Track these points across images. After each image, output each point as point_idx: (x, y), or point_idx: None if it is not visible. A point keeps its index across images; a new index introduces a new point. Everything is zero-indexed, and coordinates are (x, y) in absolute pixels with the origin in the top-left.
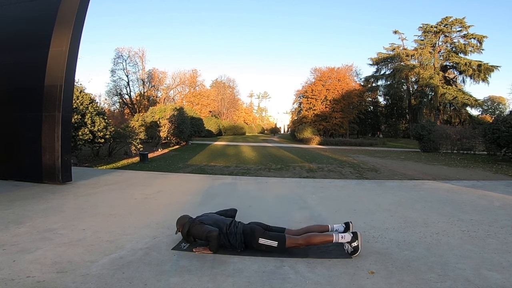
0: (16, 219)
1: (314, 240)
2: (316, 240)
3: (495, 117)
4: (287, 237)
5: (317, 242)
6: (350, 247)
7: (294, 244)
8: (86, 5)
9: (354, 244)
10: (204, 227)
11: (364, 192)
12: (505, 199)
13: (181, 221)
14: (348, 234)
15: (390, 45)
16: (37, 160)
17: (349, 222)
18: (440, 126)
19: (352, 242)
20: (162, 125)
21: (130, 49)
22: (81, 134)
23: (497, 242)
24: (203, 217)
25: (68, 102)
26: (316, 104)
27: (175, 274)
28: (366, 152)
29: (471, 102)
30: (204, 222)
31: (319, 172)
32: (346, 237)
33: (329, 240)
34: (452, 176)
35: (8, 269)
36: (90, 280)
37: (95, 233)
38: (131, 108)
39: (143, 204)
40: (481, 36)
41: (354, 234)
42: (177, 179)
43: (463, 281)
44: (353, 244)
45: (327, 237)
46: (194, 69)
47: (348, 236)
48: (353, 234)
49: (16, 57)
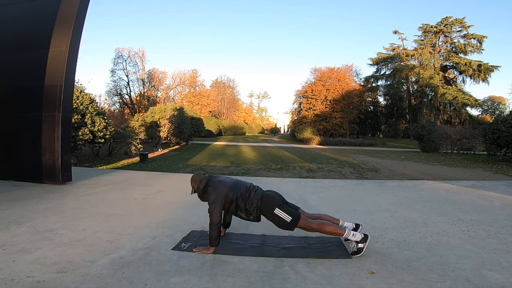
0: (16, 219)
1: (327, 229)
2: (328, 229)
3: (495, 117)
4: (302, 217)
5: (329, 231)
6: (356, 246)
7: (306, 226)
8: (86, 5)
9: (361, 245)
10: (218, 192)
11: (364, 192)
12: (505, 199)
13: (196, 178)
14: (360, 233)
15: (390, 45)
16: (37, 160)
17: (359, 224)
18: (440, 126)
19: (360, 243)
20: (162, 125)
21: (130, 49)
22: (81, 134)
23: (497, 242)
24: (221, 178)
25: (68, 102)
26: (316, 104)
27: (175, 274)
28: (366, 152)
29: (471, 102)
30: (224, 181)
31: (319, 172)
32: (357, 236)
33: (341, 233)
34: (452, 176)
35: (8, 269)
36: (90, 280)
37: (95, 233)
38: (131, 108)
39: (143, 204)
40: (481, 36)
41: (365, 236)
42: (177, 179)
43: (463, 281)
44: (359, 245)
45: (339, 230)
46: (194, 69)
47: (359, 235)
48: (364, 236)
49: (16, 57)
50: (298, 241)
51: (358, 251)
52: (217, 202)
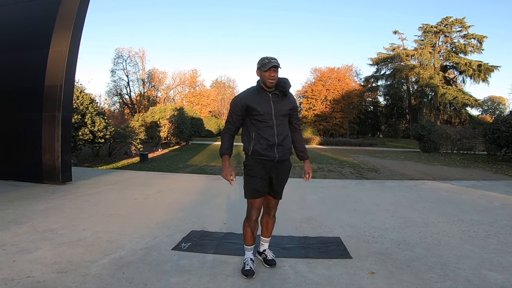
0: (16, 219)
1: (247, 230)
2: (248, 232)
3: (495, 117)
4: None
5: (245, 233)
6: (245, 265)
7: (249, 211)
8: (86, 5)
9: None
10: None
11: (364, 192)
12: (505, 199)
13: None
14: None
15: (390, 45)
16: (37, 160)
17: (265, 254)
18: (440, 126)
19: (243, 268)
20: (162, 125)
21: (130, 49)
22: (81, 134)
23: (497, 242)
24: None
25: (68, 102)
26: (316, 104)
27: (175, 274)
28: (366, 152)
29: (471, 102)
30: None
31: (319, 172)
32: (247, 261)
33: (248, 243)
34: (452, 176)
35: (8, 269)
36: (90, 280)
37: (95, 233)
38: (131, 108)
39: (143, 204)
40: (481, 36)
41: (247, 270)
42: (177, 179)
43: (463, 281)
44: (243, 269)
45: (249, 239)
46: (194, 69)
47: (249, 263)
48: (245, 270)
49: (17, 57)
50: (298, 241)
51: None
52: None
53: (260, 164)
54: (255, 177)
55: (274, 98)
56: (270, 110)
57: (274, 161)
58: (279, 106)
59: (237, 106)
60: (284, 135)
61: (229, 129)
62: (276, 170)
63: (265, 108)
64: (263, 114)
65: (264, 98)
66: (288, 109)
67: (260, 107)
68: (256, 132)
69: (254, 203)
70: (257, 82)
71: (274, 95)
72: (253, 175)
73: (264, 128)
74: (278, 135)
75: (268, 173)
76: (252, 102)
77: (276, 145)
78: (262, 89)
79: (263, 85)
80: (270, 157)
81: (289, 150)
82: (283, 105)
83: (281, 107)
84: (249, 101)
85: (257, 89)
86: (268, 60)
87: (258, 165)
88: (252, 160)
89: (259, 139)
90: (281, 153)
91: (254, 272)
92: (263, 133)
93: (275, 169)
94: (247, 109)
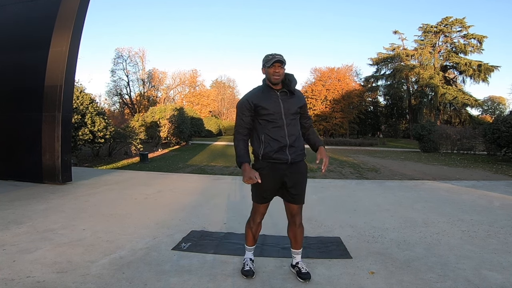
0: (16, 219)
1: (249, 232)
2: (249, 234)
3: (495, 117)
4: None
5: (247, 233)
6: (245, 265)
7: (252, 213)
8: (86, 5)
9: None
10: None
11: (364, 192)
12: (505, 199)
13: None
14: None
15: (390, 45)
16: (37, 160)
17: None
18: (440, 126)
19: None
20: (162, 125)
21: (130, 49)
22: (81, 134)
23: (497, 242)
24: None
25: (68, 102)
26: (316, 104)
27: (175, 274)
28: (366, 152)
29: (471, 102)
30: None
31: (319, 172)
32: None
33: (249, 243)
34: (452, 176)
35: (8, 269)
36: (90, 280)
37: (95, 233)
38: (131, 108)
39: (143, 204)
40: (481, 36)
41: (246, 271)
42: (177, 179)
43: (463, 281)
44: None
45: (250, 240)
46: (194, 69)
47: (249, 265)
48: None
49: (16, 57)
50: None
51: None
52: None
53: (272, 168)
54: (265, 182)
55: (283, 96)
56: (280, 109)
57: (287, 163)
58: (288, 105)
59: (244, 107)
60: (296, 135)
61: (241, 133)
62: (291, 172)
63: (274, 107)
64: (272, 113)
65: (273, 97)
66: (298, 107)
67: (269, 105)
68: (266, 134)
69: (259, 208)
70: (262, 81)
71: (282, 93)
72: (263, 180)
73: (273, 129)
74: (290, 135)
75: (281, 177)
76: (260, 101)
77: (288, 146)
78: (269, 87)
79: (269, 83)
80: (282, 160)
81: (302, 152)
82: (292, 103)
83: (290, 106)
84: (257, 100)
85: (263, 88)
86: (272, 56)
87: (270, 169)
88: (264, 163)
89: (269, 141)
90: (294, 155)
91: (253, 272)
92: (273, 134)
93: (289, 172)
94: (256, 109)
